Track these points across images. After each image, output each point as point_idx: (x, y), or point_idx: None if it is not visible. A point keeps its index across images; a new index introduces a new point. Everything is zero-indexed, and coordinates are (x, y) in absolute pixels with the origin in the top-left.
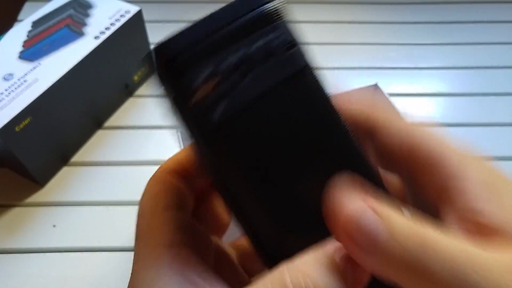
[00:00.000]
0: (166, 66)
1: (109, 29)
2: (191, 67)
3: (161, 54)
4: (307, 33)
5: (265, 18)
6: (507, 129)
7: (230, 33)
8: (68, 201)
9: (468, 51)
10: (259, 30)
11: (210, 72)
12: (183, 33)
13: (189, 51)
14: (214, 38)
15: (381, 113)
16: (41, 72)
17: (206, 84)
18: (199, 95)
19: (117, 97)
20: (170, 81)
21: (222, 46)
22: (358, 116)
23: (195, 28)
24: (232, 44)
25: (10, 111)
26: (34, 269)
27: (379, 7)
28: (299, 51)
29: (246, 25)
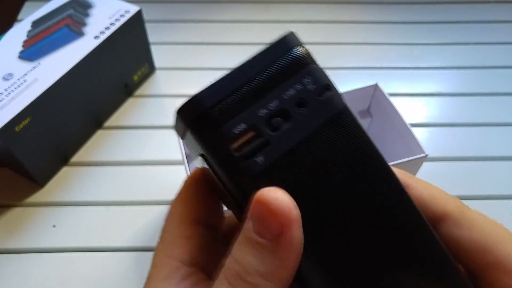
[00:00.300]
0: (204, 115)
1: (109, 29)
2: (227, 117)
3: (197, 104)
4: (307, 33)
5: (293, 65)
6: (507, 129)
7: (262, 84)
8: (68, 201)
9: (468, 51)
10: (290, 78)
11: (247, 122)
12: (215, 86)
13: (224, 102)
14: (246, 89)
15: (451, 200)
16: (41, 72)
17: (244, 134)
18: (237, 145)
19: (117, 97)
20: (207, 130)
21: (255, 97)
22: (425, 200)
23: (227, 79)
24: (264, 94)
25: (10, 111)
26: (34, 269)
27: (379, 7)
28: (334, 94)
29: (276, 74)
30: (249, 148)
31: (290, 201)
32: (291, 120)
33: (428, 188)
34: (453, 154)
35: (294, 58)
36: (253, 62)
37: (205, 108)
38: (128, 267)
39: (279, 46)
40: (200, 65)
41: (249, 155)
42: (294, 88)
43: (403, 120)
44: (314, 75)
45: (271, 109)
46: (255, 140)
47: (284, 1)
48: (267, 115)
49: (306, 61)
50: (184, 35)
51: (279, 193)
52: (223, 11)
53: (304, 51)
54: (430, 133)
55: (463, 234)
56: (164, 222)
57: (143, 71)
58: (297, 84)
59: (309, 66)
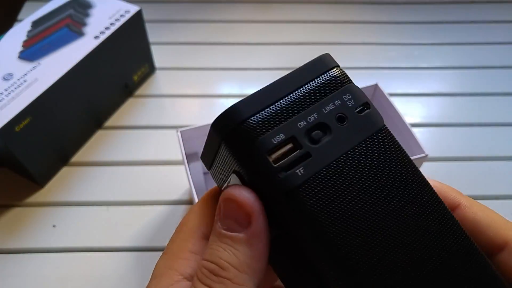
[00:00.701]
0: (241, 126)
1: (109, 29)
2: (266, 128)
3: (234, 115)
4: (307, 33)
5: (332, 83)
6: (507, 129)
7: (301, 98)
8: (68, 201)
9: (468, 51)
10: (328, 94)
11: (286, 133)
12: (252, 97)
13: (262, 113)
14: (285, 102)
15: (477, 206)
16: (41, 72)
17: (283, 145)
18: (276, 156)
19: (117, 97)
20: (244, 141)
21: (294, 110)
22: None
23: (264, 92)
24: (303, 108)
25: (10, 111)
26: (34, 269)
27: (379, 7)
28: (373, 112)
29: (315, 90)
30: (289, 159)
31: (251, 195)
32: (331, 134)
33: (485, 211)
34: (453, 154)
35: (333, 77)
36: (291, 77)
37: (243, 119)
38: (128, 267)
39: (317, 65)
40: (200, 65)
41: (288, 167)
42: (334, 104)
43: (403, 120)
44: (353, 93)
45: (310, 121)
46: (295, 152)
47: (284, 1)
48: (306, 127)
49: (344, 80)
50: (184, 35)
51: (241, 189)
52: (223, 11)
53: (341, 71)
54: (430, 133)
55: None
56: (173, 233)
57: (143, 71)
58: (337, 100)
59: (348, 85)
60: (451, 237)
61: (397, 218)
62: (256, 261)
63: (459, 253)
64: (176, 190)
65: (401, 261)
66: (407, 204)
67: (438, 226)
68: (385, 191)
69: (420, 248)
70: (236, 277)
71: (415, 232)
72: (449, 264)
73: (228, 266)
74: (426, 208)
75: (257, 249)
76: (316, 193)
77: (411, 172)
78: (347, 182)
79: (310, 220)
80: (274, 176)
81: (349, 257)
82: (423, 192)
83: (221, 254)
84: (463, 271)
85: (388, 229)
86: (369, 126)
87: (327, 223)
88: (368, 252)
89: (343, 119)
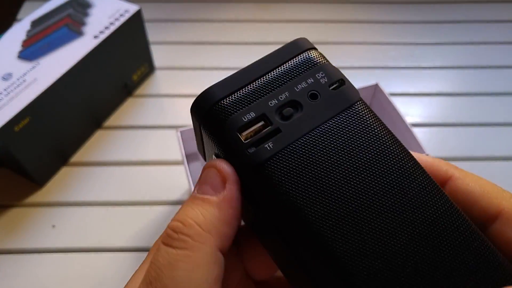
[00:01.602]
0: (214, 107)
1: (109, 28)
2: (238, 107)
3: (208, 98)
4: (307, 33)
5: (306, 63)
6: (507, 129)
7: (273, 79)
8: (67, 201)
9: (469, 51)
10: (302, 73)
11: (257, 111)
12: (226, 80)
13: (235, 94)
14: (257, 83)
15: (507, 196)
16: (40, 71)
17: (254, 123)
18: (247, 133)
19: (117, 97)
20: (218, 122)
21: (267, 90)
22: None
23: (238, 75)
24: (276, 88)
25: (9, 111)
26: (34, 269)
27: (379, 6)
28: (348, 87)
29: (288, 70)
30: (258, 135)
31: (230, 167)
32: (303, 110)
33: (478, 181)
34: (453, 154)
35: (307, 57)
36: (264, 60)
37: (215, 100)
38: (128, 267)
39: (291, 48)
40: (200, 65)
41: (258, 142)
42: (307, 82)
43: (404, 120)
44: (327, 70)
45: (281, 100)
46: (266, 129)
47: (284, 1)
48: (277, 105)
49: (319, 60)
50: (184, 35)
51: (222, 161)
52: (223, 11)
53: (316, 52)
54: (430, 133)
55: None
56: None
57: (142, 71)
58: (309, 78)
59: (322, 64)
60: (433, 204)
61: (370, 187)
62: (222, 224)
63: (441, 220)
64: (176, 190)
65: (375, 229)
66: (381, 174)
67: (418, 196)
68: (357, 162)
69: (394, 218)
70: (198, 235)
71: (389, 201)
72: (431, 232)
73: (193, 224)
74: (403, 178)
75: (226, 213)
76: (283, 166)
77: (388, 143)
78: (317, 155)
79: (277, 192)
80: (244, 151)
81: (317, 226)
82: (402, 162)
83: (189, 212)
84: (446, 239)
85: (361, 198)
86: (343, 101)
87: (295, 194)
88: (339, 221)
89: (315, 96)
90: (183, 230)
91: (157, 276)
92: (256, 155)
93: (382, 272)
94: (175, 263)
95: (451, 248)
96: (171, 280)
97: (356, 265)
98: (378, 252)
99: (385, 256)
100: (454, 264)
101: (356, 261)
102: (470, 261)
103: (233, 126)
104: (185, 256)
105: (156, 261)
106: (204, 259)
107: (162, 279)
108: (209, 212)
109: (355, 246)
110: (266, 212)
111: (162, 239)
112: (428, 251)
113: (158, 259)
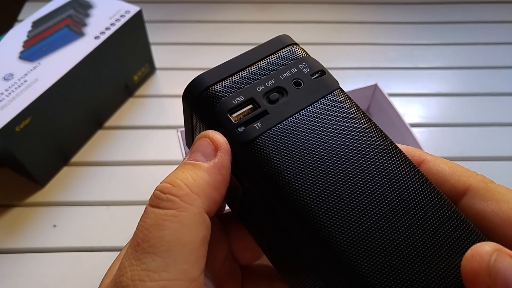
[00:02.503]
0: (205, 92)
1: (109, 29)
2: (227, 92)
3: (198, 84)
4: (307, 33)
5: (289, 56)
6: (507, 129)
7: (260, 68)
8: (68, 201)
9: (468, 51)
10: (286, 64)
11: (245, 95)
12: (215, 69)
13: (224, 81)
14: (245, 72)
15: (474, 174)
16: (41, 72)
17: (243, 106)
18: (236, 115)
19: (117, 97)
20: (208, 105)
21: (254, 78)
22: (449, 175)
23: (226, 65)
24: (262, 76)
25: (10, 111)
26: (34, 269)
27: (379, 7)
28: (328, 77)
29: (273, 62)
30: (247, 117)
31: (223, 138)
32: (288, 96)
33: (448, 163)
34: (453, 154)
35: (290, 51)
36: (251, 52)
37: (206, 86)
38: None
39: (275, 43)
40: (200, 65)
41: (247, 122)
42: (291, 71)
43: (403, 120)
44: (309, 62)
45: (268, 86)
46: (254, 111)
47: (284, 1)
48: (265, 91)
49: (301, 53)
50: (184, 35)
51: (216, 132)
52: (223, 11)
53: (298, 47)
54: (429, 133)
55: (489, 207)
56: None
57: (143, 71)
58: (293, 68)
59: (305, 56)
60: (410, 177)
61: (349, 161)
62: (211, 188)
63: (418, 192)
64: None
65: (357, 198)
66: (359, 150)
67: (394, 168)
68: (337, 141)
69: (373, 189)
70: (186, 196)
71: (368, 173)
72: (409, 201)
73: (181, 184)
74: (379, 153)
75: (215, 179)
76: (272, 143)
77: (365, 125)
78: (301, 134)
79: (267, 165)
80: (234, 130)
81: (303, 196)
82: (378, 141)
83: (178, 175)
84: (424, 208)
85: (341, 172)
86: (324, 89)
87: (283, 168)
88: (322, 191)
89: (299, 83)
90: (171, 191)
91: (144, 237)
92: (246, 133)
93: (364, 240)
94: (162, 223)
95: (428, 217)
96: (158, 240)
97: (340, 233)
98: (360, 220)
99: (366, 224)
100: (432, 229)
101: (340, 230)
102: (446, 226)
103: (224, 108)
104: (173, 216)
105: (144, 223)
106: (192, 219)
107: (150, 240)
108: (198, 175)
109: (339, 215)
110: (255, 186)
111: (150, 202)
112: (407, 218)
113: (145, 220)
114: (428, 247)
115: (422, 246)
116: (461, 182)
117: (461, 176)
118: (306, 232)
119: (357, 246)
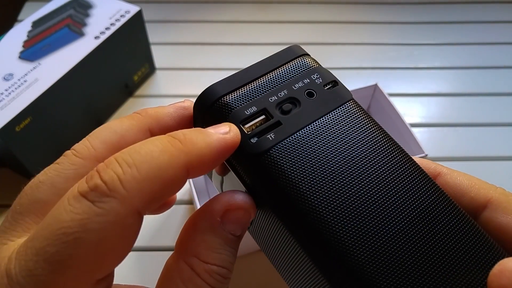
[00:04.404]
0: (218, 101)
1: (109, 29)
2: (240, 103)
3: (211, 93)
4: (307, 33)
5: (301, 66)
6: (507, 129)
7: (272, 79)
8: None
9: (468, 51)
10: (298, 75)
11: (258, 106)
12: (227, 79)
13: (237, 91)
14: (258, 82)
15: (493, 187)
16: (41, 72)
17: (255, 117)
18: (249, 126)
19: (117, 97)
20: (220, 114)
21: (266, 88)
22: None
23: (238, 75)
24: (275, 87)
25: (10, 111)
26: None
27: (379, 7)
28: (341, 88)
29: (286, 72)
30: (260, 127)
31: (248, 199)
32: (301, 106)
33: (466, 175)
34: (453, 154)
35: (302, 61)
36: (262, 63)
37: (218, 96)
38: (128, 267)
39: (287, 53)
40: (200, 65)
41: (260, 133)
42: (303, 82)
43: (403, 120)
44: (321, 73)
45: (281, 96)
46: (267, 122)
47: (284, 1)
48: (277, 101)
49: (313, 64)
50: (184, 35)
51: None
52: (223, 11)
53: (310, 57)
54: (429, 133)
55: (510, 220)
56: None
57: (143, 71)
58: (306, 79)
59: (317, 67)
60: (426, 191)
61: (362, 171)
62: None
63: (435, 206)
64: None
65: (371, 209)
66: (372, 162)
67: (410, 182)
68: (351, 153)
69: (389, 202)
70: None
71: (383, 186)
72: (426, 216)
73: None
74: (393, 166)
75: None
76: (286, 154)
77: (379, 137)
78: (315, 145)
79: (281, 176)
80: (247, 141)
81: (319, 208)
82: (393, 154)
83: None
84: (441, 223)
85: (355, 183)
86: (337, 100)
87: (297, 179)
88: (336, 202)
89: (312, 94)
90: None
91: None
92: (259, 144)
93: (383, 255)
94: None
95: (446, 231)
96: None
97: (358, 248)
98: (377, 235)
99: (384, 238)
100: (450, 245)
101: (358, 244)
102: (464, 240)
103: (236, 118)
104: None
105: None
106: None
107: None
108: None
109: (356, 230)
110: (269, 199)
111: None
112: (425, 232)
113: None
114: (447, 263)
115: (441, 260)
116: (481, 195)
117: (480, 188)
118: (322, 247)
119: (375, 261)
